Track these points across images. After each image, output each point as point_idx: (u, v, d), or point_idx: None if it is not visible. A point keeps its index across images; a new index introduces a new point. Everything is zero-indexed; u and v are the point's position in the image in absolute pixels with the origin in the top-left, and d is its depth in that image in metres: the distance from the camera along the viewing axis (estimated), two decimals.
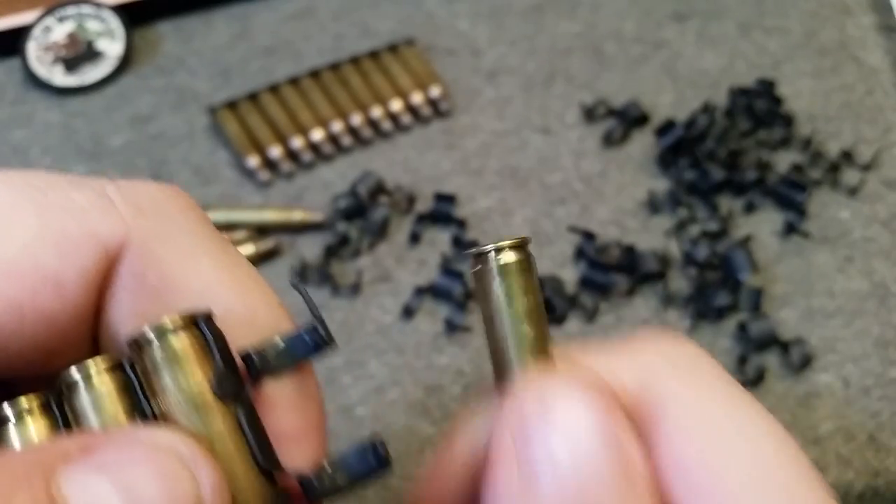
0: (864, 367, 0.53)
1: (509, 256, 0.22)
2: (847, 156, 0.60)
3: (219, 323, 0.20)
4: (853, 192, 0.58)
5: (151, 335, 0.19)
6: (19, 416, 0.20)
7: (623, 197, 0.59)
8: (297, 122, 0.61)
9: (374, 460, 0.20)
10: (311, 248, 0.58)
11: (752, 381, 0.52)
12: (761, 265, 0.56)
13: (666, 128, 0.60)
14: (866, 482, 0.50)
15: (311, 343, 0.21)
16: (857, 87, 0.63)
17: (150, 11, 0.66)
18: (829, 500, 0.24)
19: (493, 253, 0.22)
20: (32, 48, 0.65)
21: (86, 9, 0.66)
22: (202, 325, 0.20)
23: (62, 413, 0.20)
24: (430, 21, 0.66)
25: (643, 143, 0.61)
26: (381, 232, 0.58)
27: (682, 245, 0.57)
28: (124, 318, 0.22)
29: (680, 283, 0.56)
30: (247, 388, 0.20)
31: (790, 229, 0.57)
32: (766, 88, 0.62)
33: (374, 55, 0.64)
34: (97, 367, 0.19)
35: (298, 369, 0.22)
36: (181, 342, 0.19)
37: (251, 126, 0.61)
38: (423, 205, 0.59)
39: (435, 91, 0.62)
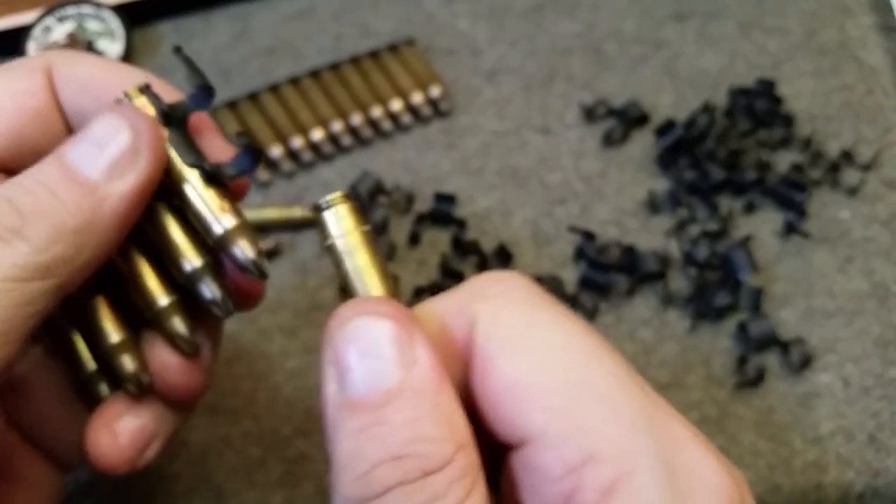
0: (864, 367, 0.53)
1: (338, 202, 0.31)
2: (847, 156, 0.60)
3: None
4: (853, 192, 0.58)
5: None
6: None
7: (623, 197, 0.59)
8: (297, 122, 0.61)
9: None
10: (311, 247, 0.58)
11: (752, 382, 0.52)
12: (761, 265, 0.56)
13: (666, 128, 0.60)
14: (866, 482, 0.50)
15: (200, 92, 0.35)
16: (857, 87, 0.63)
17: (150, 11, 0.66)
18: (637, 391, 0.28)
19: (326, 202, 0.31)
20: (32, 48, 0.65)
21: (86, 9, 0.66)
22: (146, 91, 0.34)
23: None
24: (430, 21, 0.66)
25: (643, 143, 0.61)
26: (380, 232, 0.58)
27: (682, 245, 0.57)
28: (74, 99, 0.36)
29: (680, 283, 0.56)
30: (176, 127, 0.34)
31: (790, 229, 0.57)
32: (766, 88, 0.62)
33: (374, 55, 0.64)
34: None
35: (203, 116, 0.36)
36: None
37: (251, 126, 0.61)
38: (423, 205, 0.59)
39: (435, 91, 0.62)
